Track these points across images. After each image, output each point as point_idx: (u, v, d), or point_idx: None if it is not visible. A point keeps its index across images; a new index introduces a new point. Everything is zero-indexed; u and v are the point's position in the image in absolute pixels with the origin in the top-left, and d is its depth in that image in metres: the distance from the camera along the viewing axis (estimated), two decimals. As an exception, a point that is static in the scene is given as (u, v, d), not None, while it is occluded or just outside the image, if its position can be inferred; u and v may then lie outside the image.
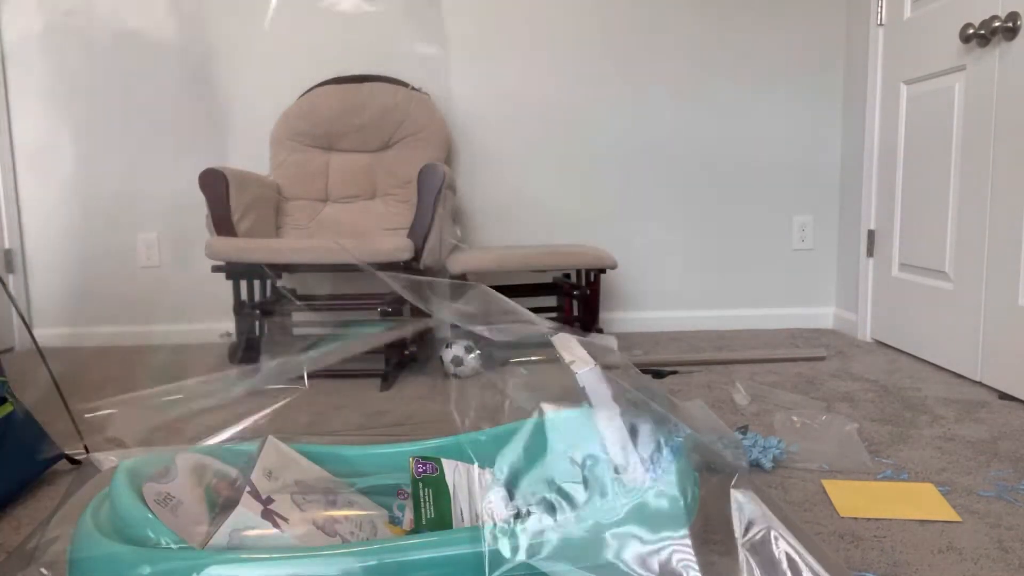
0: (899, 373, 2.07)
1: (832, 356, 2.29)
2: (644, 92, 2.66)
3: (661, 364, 2.16)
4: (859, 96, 2.54)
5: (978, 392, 1.86)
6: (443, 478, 0.84)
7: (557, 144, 2.67)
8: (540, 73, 2.63)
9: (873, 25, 2.43)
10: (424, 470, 0.84)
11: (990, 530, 1.10)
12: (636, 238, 2.73)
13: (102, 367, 2.32)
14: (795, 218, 2.76)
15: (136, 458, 0.80)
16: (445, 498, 0.81)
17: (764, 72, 2.67)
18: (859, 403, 1.77)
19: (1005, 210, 1.82)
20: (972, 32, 1.88)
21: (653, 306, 2.77)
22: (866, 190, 2.50)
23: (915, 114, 2.24)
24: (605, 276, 2.48)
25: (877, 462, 1.37)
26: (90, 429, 1.65)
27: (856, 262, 2.58)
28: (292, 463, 0.86)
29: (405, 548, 0.69)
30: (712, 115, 2.69)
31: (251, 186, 2.21)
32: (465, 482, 0.83)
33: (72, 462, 1.38)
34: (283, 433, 1.46)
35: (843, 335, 2.62)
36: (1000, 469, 1.34)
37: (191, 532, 0.74)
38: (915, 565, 0.99)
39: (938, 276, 2.13)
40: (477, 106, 2.62)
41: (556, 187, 2.69)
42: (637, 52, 2.64)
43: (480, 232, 2.70)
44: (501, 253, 2.28)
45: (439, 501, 0.80)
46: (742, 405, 1.74)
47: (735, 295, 2.78)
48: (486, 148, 2.67)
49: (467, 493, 0.81)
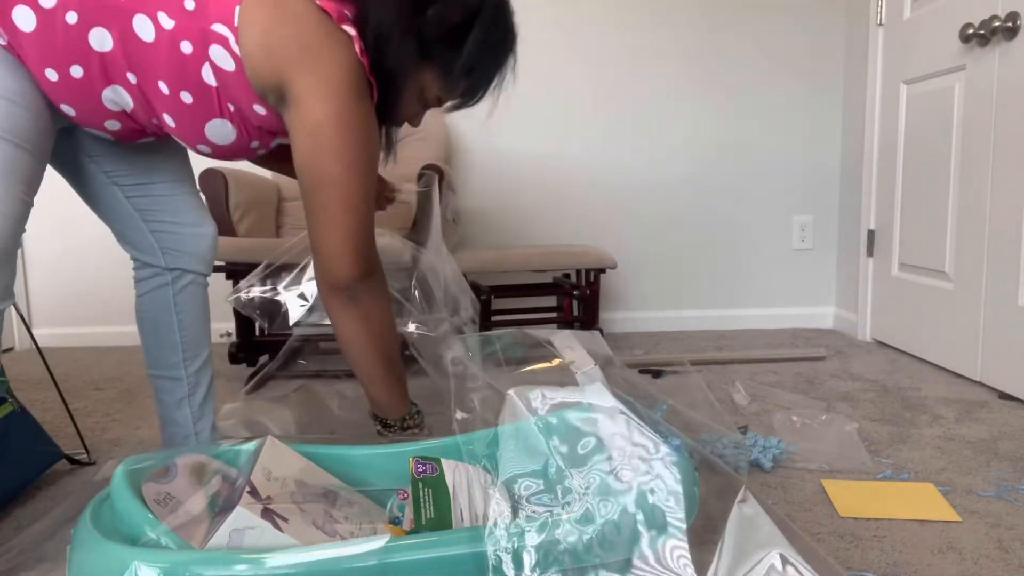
0: (899, 373, 2.07)
1: (832, 356, 2.29)
2: (644, 92, 2.66)
3: (661, 364, 2.16)
4: (859, 96, 2.54)
5: (978, 392, 1.86)
6: (443, 478, 0.84)
7: (557, 144, 2.67)
8: (540, 73, 2.63)
9: (873, 25, 2.43)
10: (424, 470, 0.84)
11: (990, 530, 1.10)
12: (636, 238, 2.73)
13: (102, 367, 2.32)
14: (795, 218, 2.76)
15: (136, 457, 0.80)
16: (445, 498, 0.81)
17: (764, 72, 2.67)
18: (859, 403, 1.76)
19: (1005, 210, 1.82)
20: (972, 32, 1.88)
21: (653, 306, 2.77)
22: (866, 190, 2.50)
23: (915, 114, 2.24)
24: (605, 276, 2.47)
25: (877, 462, 1.37)
26: (90, 429, 1.65)
27: (856, 262, 2.58)
28: (292, 463, 0.86)
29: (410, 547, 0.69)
30: (712, 115, 2.69)
31: (250, 186, 2.21)
32: (465, 482, 0.83)
33: (72, 462, 1.38)
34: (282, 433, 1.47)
35: (843, 335, 2.62)
36: (1000, 469, 1.34)
37: (191, 532, 0.74)
38: (915, 565, 0.99)
39: (938, 276, 2.13)
40: (477, 106, 2.62)
41: (556, 187, 2.69)
42: (637, 52, 2.64)
43: (480, 232, 2.70)
44: (501, 253, 2.28)
45: (439, 501, 0.80)
46: (742, 405, 1.74)
47: (735, 295, 2.78)
48: (486, 148, 2.66)
49: (467, 493, 0.81)
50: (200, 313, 1.30)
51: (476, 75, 1.06)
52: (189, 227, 1.25)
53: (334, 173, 0.94)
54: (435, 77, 1.04)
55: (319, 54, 0.90)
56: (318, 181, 0.96)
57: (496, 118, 2.63)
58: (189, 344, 1.27)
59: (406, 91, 1.03)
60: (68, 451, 1.38)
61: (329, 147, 0.93)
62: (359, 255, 1.00)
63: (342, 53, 0.91)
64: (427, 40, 0.98)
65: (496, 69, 1.08)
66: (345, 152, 0.94)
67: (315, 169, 0.95)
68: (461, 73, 1.03)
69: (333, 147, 0.93)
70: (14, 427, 1.24)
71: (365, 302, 1.05)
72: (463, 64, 1.02)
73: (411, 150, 2.46)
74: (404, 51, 0.97)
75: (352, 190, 0.96)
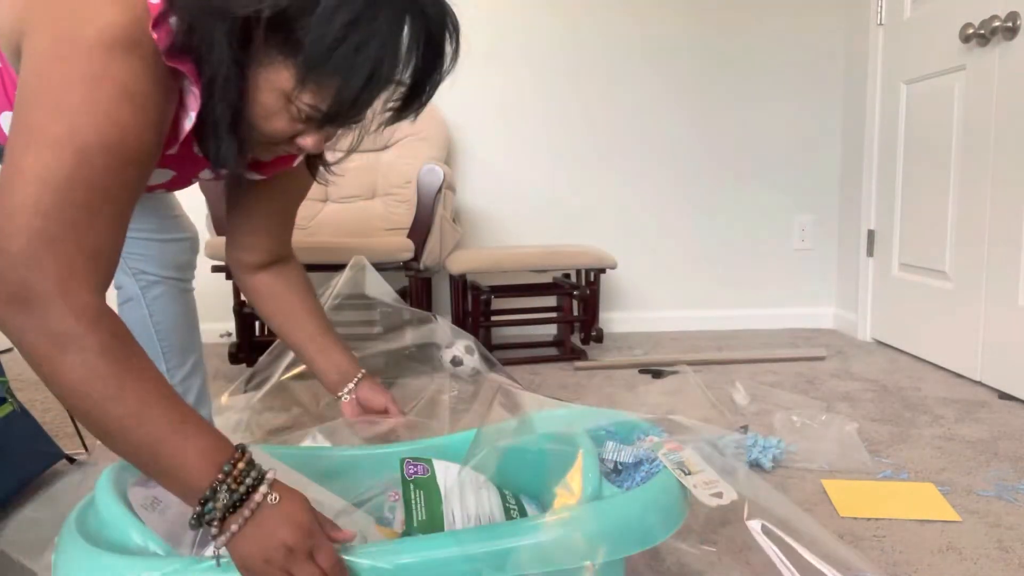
0: (899, 373, 2.07)
1: (832, 356, 2.29)
2: (644, 92, 2.66)
3: (661, 364, 2.16)
4: (859, 96, 2.54)
5: (978, 392, 1.86)
6: (434, 479, 0.82)
7: (557, 144, 2.67)
8: (540, 74, 2.63)
9: (873, 25, 2.42)
10: (415, 471, 0.83)
11: (990, 530, 1.10)
12: (636, 238, 2.73)
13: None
14: (795, 218, 2.76)
15: (123, 462, 0.78)
16: (436, 500, 0.80)
17: (764, 72, 2.67)
18: (859, 403, 1.76)
19: (1005, 210, 1.82)
20: (972, 32, 1.88)
21: (653, 306, 2.77)
22: (866, 190, 2.50)
23: (915, 114, 2.24)
24: (605, 276, 2.47)
25: (877, 462, 1.37)
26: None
27: (856, 262, 2.58)
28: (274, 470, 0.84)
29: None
30: (712, 115, 2.69)
31: (251, 186, 2.21)
32: (457, 483, 0.82)
33: (72, 462, 1.38)
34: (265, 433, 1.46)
35: (843, 335, 2.62)
36: (1000, 469, 1.34)
37: (180, 538, 0.73)
38: (915, 565, 0.99)
39: (938, 276, 2.13)
40: (477, 106, 2.62)
41: (556, 187, 2.69)
42: (637, 52, 2.64)
43: (480, 232, 2.70)
44: (501, 253, 2.28)
45: (430, 503, 0.79)
46: (742, 405, 1.74)
47: (735, 295, 2.78)
48: (486, 148, 2.66)
49: (459, 494, 0.80)
50: (182, 320, 1.23)
51: (341, 58, 0.67)
52: (156, 233, 1.18)
53: (47, 129, 0.64)
54: (292, 74, 0.70)
55: (59, 1, 0.67)
56: (24, 128, 0.65)
57: (496, 118, 2.63)
58: (172, 353, 1.22)
59: (252, 94, 0.72)
60: (68, 451, 1.38)
61: (48, 97, 0.65)
62: (49, 254, 0.63)
63: (99, 3, 0.66)
64: (257, 17, 0.67)
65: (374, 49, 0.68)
66: (70, 114, 0.64)
67: (23, 114, 0.66)
68: (316, 56, 0.67)
69: (54, 99, 0.65)
70: (14, 427, 1.24)
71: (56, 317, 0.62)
72: (316, 41, 0.66)
73: (411, 150, 2.46)
74: (214, 38, 0.68)
75: (62, 164, 0.64)
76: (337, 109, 0.72)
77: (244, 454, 0.65)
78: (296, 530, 0.62)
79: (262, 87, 0.72)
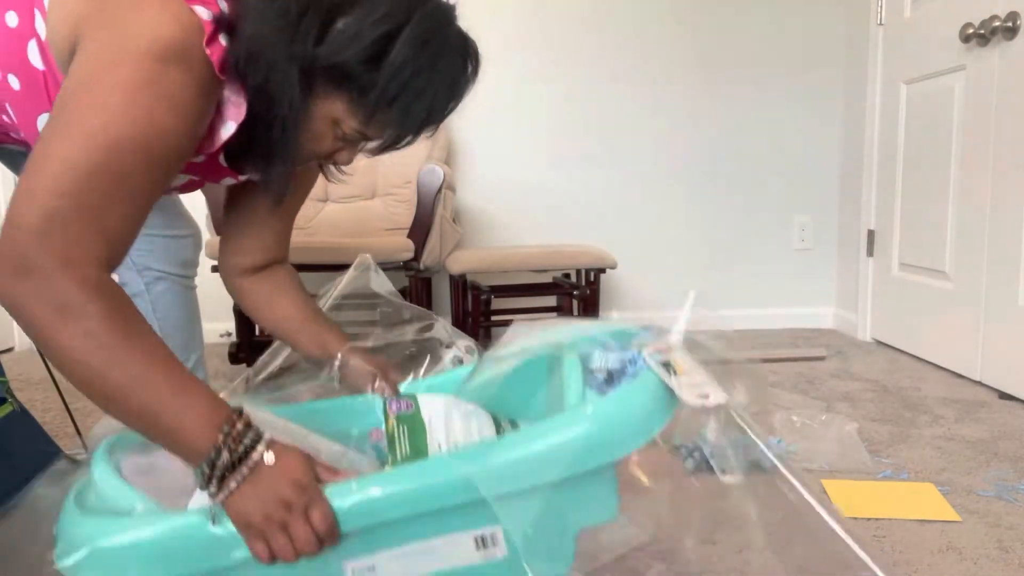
0: (899, 373, 2.07)
1: (832, 356, 2.29)
2: (644, 92, 2.66)
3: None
4: (859, 96, 2.54)
5: (978, 392, 1.86)
6: (419, 414, 0.80)
7: (557, 144, 2.67)
8: (540, 73, 2.63)
9: (873, 25, 2.42)
10: (399, 407, 0.80)
11: (990, 530, 1.10)
12: (636, 238, 2.73)
13: (102, 367, 2.32)
14: (795, 218, 2.76)
15: (121, 435, 0.78)
16: (420, 433, 0.77)
17: (764, 72, 2.67)
18: (859, 403, 1.76)
19: (1005, 210, 1.82)
20: (972, 32, 1.88)
21: (653, 306, 2.77)
22: (866, 190, 2.50)
23: (915, 114, 2.24)
24: (605, 276, 2.47)
25: (877, 462, 1.37)
26: (90, 429, 1.65)
27: (856, 262, 2.58)
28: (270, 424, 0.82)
29: None
30: (712, 115, 2.69)
31: (251, 186, 2.21)
32: (443, 412, 0.79)
33: (72, 462, 1.38)
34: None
35: (843, 335, 2.62)
36: (1000, 469, 1.34)
37: (177, 503, 0.73)
38: (915, 565, 0.99)
39: (938, 276, 2.13)
40: (477, 107, 2.62)
41: (556, 187, 2.69)
42: (637, 53, 2.64)
43: (480, 232, 2.70)
44: (501, 253, 2.29)
45: (414, 436, 0.76)
46: (742, 405, 1.74)
47: (735, 295, 2.78)
48: (486, 148, 2.66)
49: (444, 423, 0.77)
50: (185, 317, 1.24)
51: (401, 107, 0.75)
52: (160, 230, 1.20)
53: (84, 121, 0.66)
54: (348, 108, 0.76)
55: (116, 11, 0.69)
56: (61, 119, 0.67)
57: (496, 118, 2.63)
58: (175, 349, 1.16)
59: (305, 122, 0.76)
60: (68, 451, 1.38)
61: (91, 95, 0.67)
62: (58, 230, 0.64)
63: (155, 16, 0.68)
64: (330, 64, 0.73)
65: (430, 99, 0.77)
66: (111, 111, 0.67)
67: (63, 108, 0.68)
68: (379, 103, 0.74)
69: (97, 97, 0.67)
70: (14, 427, 1.24)
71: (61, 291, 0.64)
72: (381, 92, 0.74)
73: (411, 150, 2.45)
74: (285, 78, 0.72)
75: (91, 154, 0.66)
76: (384, 143, 0.81)
77: (242, 415, 0.67)
78: (292, 486, 0.64)
79: (315, 116, 0.76)
